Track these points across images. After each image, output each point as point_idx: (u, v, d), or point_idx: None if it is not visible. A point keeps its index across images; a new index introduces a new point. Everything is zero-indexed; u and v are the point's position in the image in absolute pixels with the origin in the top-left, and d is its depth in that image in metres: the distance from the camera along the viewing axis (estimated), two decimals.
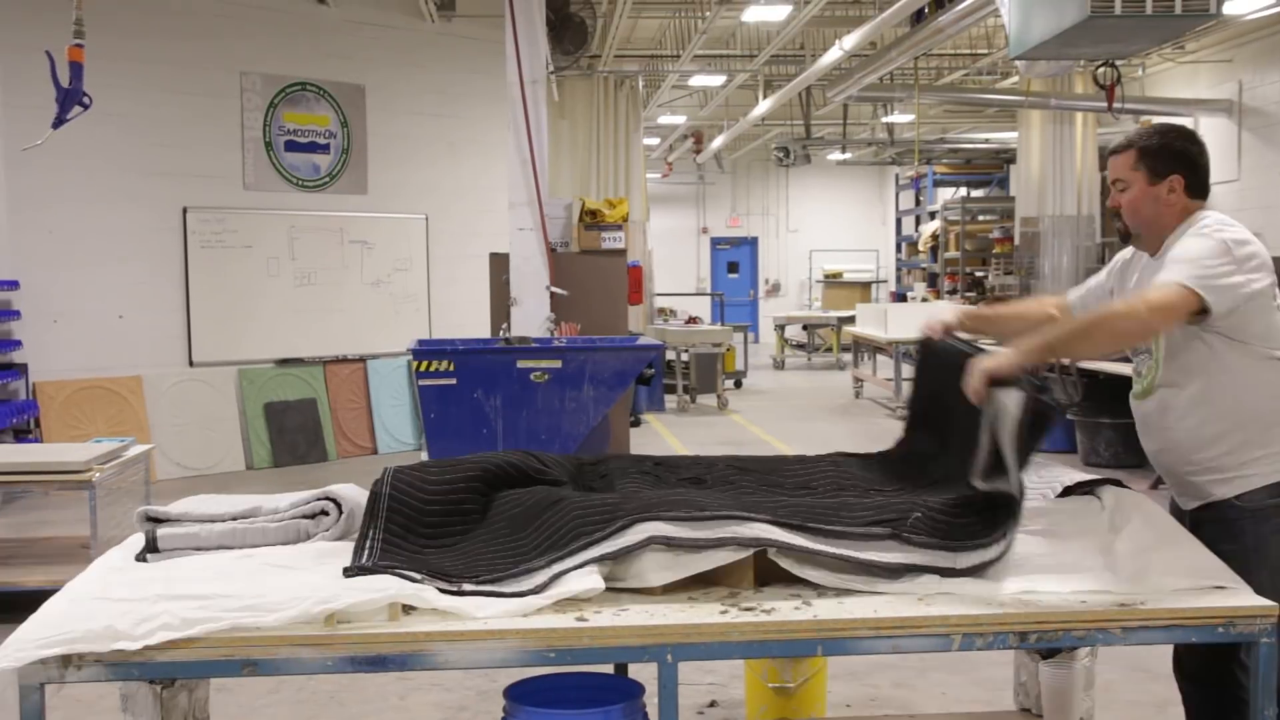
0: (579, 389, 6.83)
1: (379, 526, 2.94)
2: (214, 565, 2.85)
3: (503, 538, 2.90)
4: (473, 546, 2.90)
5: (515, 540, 2.87)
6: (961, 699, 4.70)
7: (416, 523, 2.97)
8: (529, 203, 8.45)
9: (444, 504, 3.02)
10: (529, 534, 2.87)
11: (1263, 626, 2.64)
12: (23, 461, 5.93)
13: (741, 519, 2.78)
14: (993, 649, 2.72)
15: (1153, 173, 3.08)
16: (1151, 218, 3.10)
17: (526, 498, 3.02)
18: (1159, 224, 3.10)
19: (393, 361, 11.22)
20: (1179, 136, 3.14)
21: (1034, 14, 6.60)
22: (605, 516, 2.81)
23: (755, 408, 14.35)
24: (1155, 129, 3.17)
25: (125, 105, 9.51)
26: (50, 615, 2.59)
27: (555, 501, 2.93)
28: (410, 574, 2.69)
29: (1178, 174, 3.07)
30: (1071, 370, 9.57)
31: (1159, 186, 3.08)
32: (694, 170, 25.80)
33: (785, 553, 2.75)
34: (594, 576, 2.71)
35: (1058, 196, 14.34)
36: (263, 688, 4.79)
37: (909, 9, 10.39)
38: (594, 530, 2.77)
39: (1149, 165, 3.09)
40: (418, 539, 2.93)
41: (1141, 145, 3.11)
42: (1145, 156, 3.09)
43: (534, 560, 2.76)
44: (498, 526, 2.96)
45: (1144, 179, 3.09)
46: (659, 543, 2.72)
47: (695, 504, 2.84)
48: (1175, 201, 3.08)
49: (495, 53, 9.01)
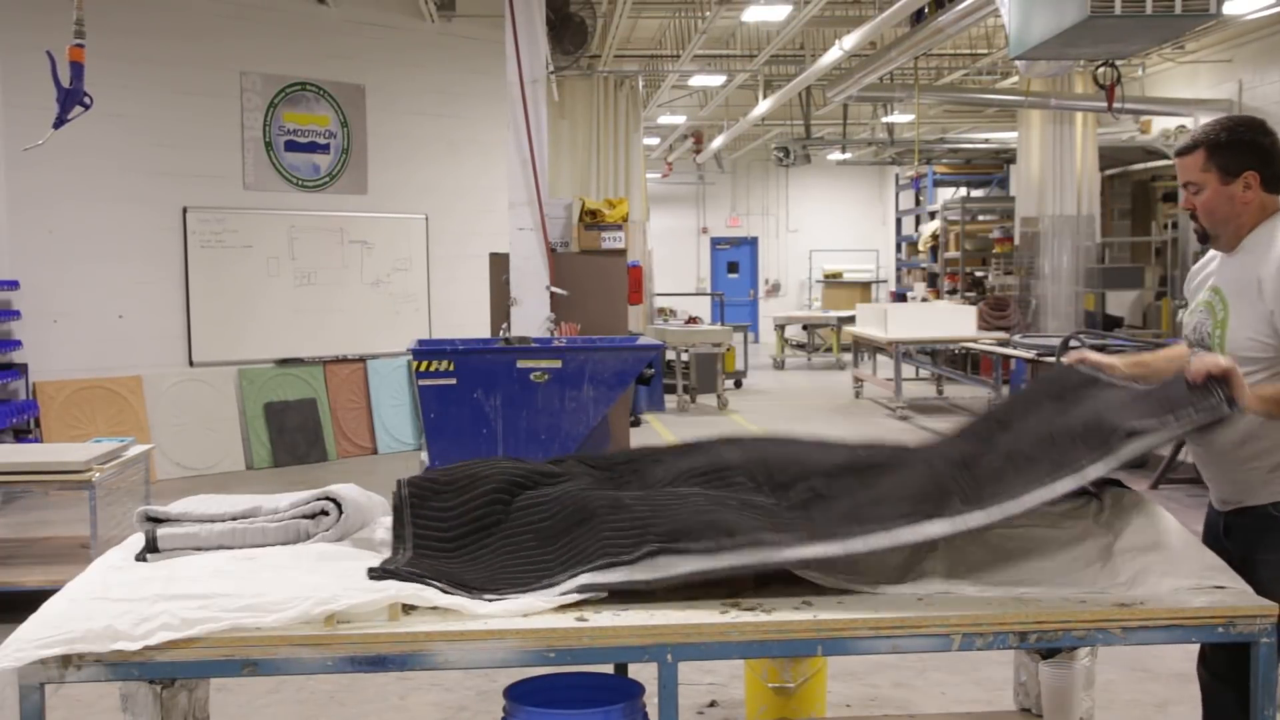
0: (579, 389, 6.83)
1: (406, 540, 2.92)
2: (214, 565, 2.85)
3: (528, 549, 2.87)
4: (496, 559, 2.87)
5: (540, 553, 2.84)
6: (961, 699, 4.70)
7: (439, 536, 2.94)
8: (529, 203, 8.45)
9: (467, 518, 2.98)
10: (555, 549, 2.84)
11: (1263, 626, 2.64)
12: (23, 461, 5.93)
13: (772, 545, 2.70)
14: (993, 649, 2.72)
15: (1225, 171, 2.95)
16: (1228, 218, 2.98)
17: (554, 507, 2.96)
18: (1236, 224, 2.98)
19: (393, 361, 11.22)
20: (1248, 128, 2.99)
21: (1034, 14, 6.60)
22: (634, 540, 2.75)
23: (755, 408, 14.35)
24: (1222, 123, 3.01)
25: (125, 105, 9.51)
26: (50, 615, 2.59)
27: (584, 520, 2.88)
28: (435, 584, 2.68)
29: (1251, 170, 2.94)
30: None
31: (1233, 185, 2.95)
32: (694, 170, 25.80)
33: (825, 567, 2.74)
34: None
35: (1058, 196, 14.34)
36: (263, 688, 4.79)
37: (909, 9, 10.39)
38: (620, 553, 2.73)
39: (1220, 164, 2.95)
40: (441, 551, 2.90)
41: (1209, 142, 2.97)
42: (1215, 155, 2.96)
43: (557, 574, 2.74)
44: (523, 538, 2.91)
45: (1216, 179, 2.96)
46: (687, 577, 2.68)
47: (724, 527, 2.74)
48: (1251, 199, 2.95)
49: (495, 53, 9.01)
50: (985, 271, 17.54)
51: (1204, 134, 3.00)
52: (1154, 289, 15.18)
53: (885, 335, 13.75)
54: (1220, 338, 2.96)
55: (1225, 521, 3.04)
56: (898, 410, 13.34)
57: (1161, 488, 8.57)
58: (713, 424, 13.02)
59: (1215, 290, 3.04)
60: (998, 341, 12.99)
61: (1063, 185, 14.33)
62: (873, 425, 12.72)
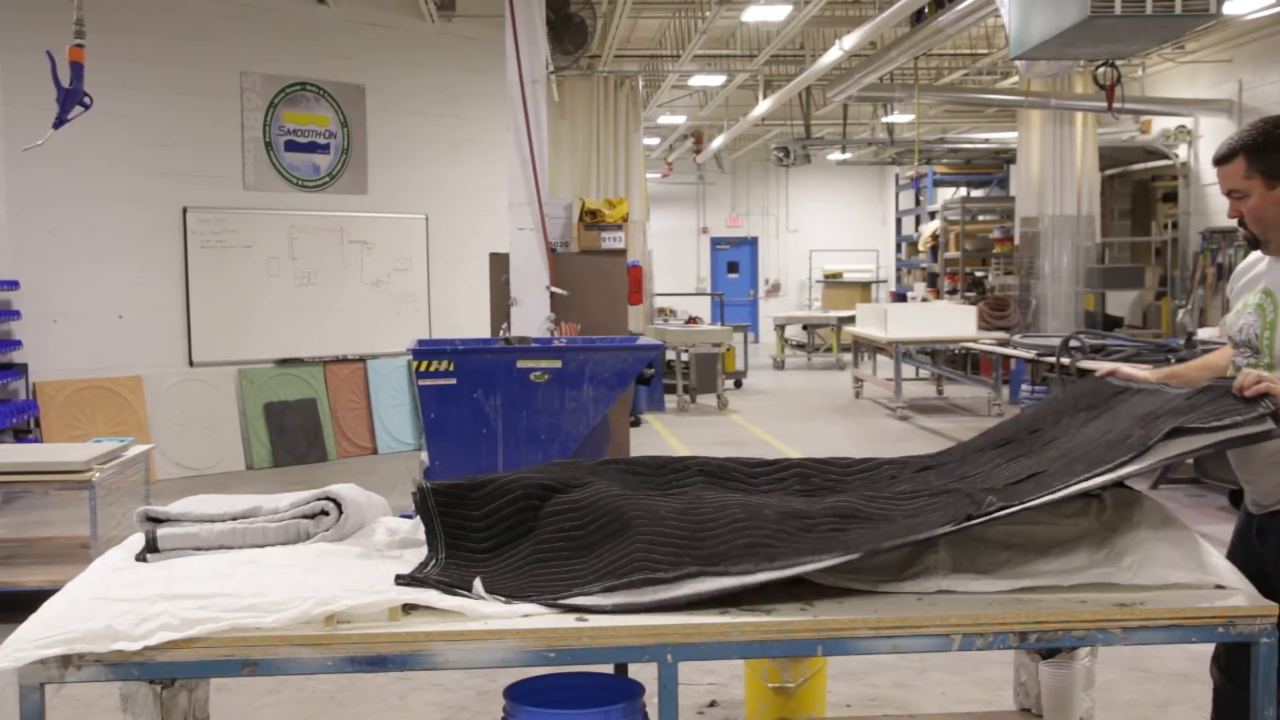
0: (579, 389, 6.83)
1: (439, 548, 2.91)
2: (214, 565, 2.85)
3: (562, 557, 2.84)
4: (529, 567, 2.84)
5: (575, 562, 2.82)
6: (961, 699, 4.70)
7: (473, 544, 2.93)
8: (529, 203, 8.45)
9: (499, 526, 2.96)
10: (589, 559, 2.81)
11: (1263, 626, 2.64)
12: (23, 461, 5.93)
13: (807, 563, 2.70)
14: (993, 649, 2.72)
15: (1269, 176, 2.91)
16: (1277, 220, 2.94)
17: (588, 515, 2.92)
18: None
19: (393, 361, 11.22)
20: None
21: (1034, 14, 6.60)
22: (672, 559, 2.73)
23: (755, 408, 14.35)
24: (1259, 126, 2.96)
25: (125, 105, 9.51)
26: (50, 615, 2.59)
27: (619, 531, 2.85)
28: (464, 592, 2.67)
29: None
30: (1071, 371, 9.61)
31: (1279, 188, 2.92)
32: (694, 170, 25.81)
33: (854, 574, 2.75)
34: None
35: (1058, 196, 14.34)
36: (263, 688, 4.79)
37: (909, 9, 10.39)
38: (658, 569, 2.70)
39: (1263, 169, 2.91)
40: (474, 560, 2.88)
41: (1248, 147, 2.92)
42: (1256, 160, 2.91)
43: (589, 584, 2.71)
44: (556, 545, 2.88)
45: (1261, 184, 2.92)
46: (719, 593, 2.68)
47: (765, 553, 2.73)
48: None
49: (495, 53, 9.01)
50: (985, 271, 17.54)
51: (1241, 140, 2.96)
52: (1154, 289, 15.19)
53: (885, 335, 13.75)
54: (1270, 340, 2.95)
55: (1259, 524, 3.01)
56: (898, 410, 13.34)
57: (1161, 488, 8.57)
58: (713, 424, 13.02)
59: (1267, 293, 3.00)
60: (998, 341, 12.99)
61: (1063, 185, 14.33)
62: (873, 425, 12.72)
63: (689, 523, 2.87)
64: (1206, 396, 2.84)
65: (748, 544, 2.76)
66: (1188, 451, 2.73)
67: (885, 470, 3.44)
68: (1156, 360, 8.95)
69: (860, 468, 3.47)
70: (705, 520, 2.88)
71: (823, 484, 3.34)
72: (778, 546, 2.75)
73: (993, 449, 3.35)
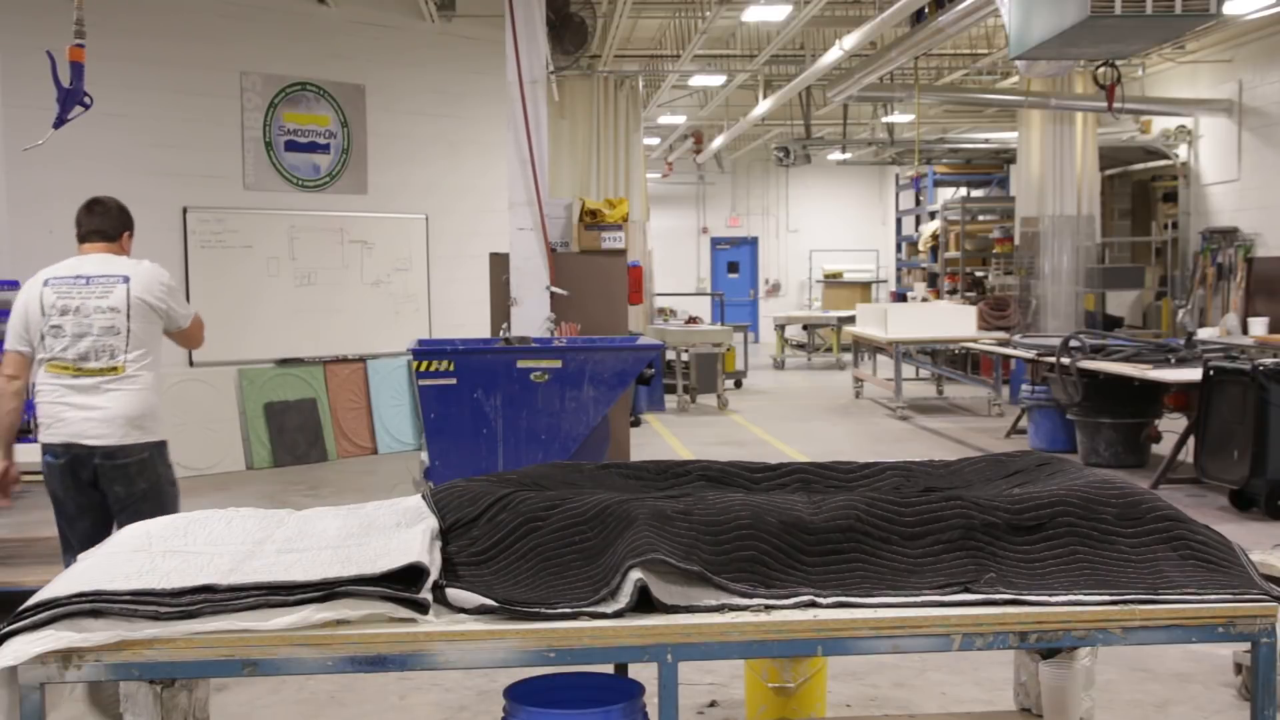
0: (579, 389, 6.83)
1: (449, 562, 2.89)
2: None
3: (575, 568, 2.83)
4: (542, 579, 2.81)
5: (590, 569, 2.81)
6: (961, 699, 4.70)
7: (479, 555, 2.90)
8: (529, 203, 8.45)
9: (505, 541, 2.94)
10: (600, 567, 2.81)
11: (1263, 626, 2.64)
12: (23, 461, 5.91)
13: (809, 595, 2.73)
14: (993, 649, 2.72)
15: None
16: None
17: (597, 528, 2.92)
18: None
19: (393, 361, 11.21)
20: None
21: (1034, 14, 6.61)
22: (683, 553, 2.79)
23: (755, 408, 14.35)
24: None
25: (125, 105, 9.50)
26: None
27: (627, 529, 2.85)
28: (486, 601, 2.65)
29: None
30: (1071, 371, 9.62)
31: None
32: (694, 170, 25.80)
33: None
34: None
35: (1058, 196, 14.34)
36: (263, 688, 4.79)
37: (909, 9, 10.39)
38: (673, 553, 2.75)
39: None
40: (482, 570, 2.86)
41: None
42: None
43: (612, 578, 2.71)
44: (568, 557, 2.87)
45: None
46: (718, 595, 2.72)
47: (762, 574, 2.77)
48: None
49: (495, 53, 9.01)
50: (985, 271, 17.54)
51: None
52: (1154, 289, 15.19)
53: (885, 335, 13.75)
54: None
55: None
56: (898, 410, 13.34)
57: (1161, 488, 8.57)
58: (713, 424, 13.02)
59: None
60: (998, 341, 12.98)
61: (1063, 185, 14.33)
62: (873, 425, 12.72)
63: (695, 524, 2.88)
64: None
65: (749, 558, 2.79)
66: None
67: (888, 478, 3.45)
68: (1156, 360, 8.97)
69: (862, 474, 3.48)
70: (711, 522, 2.89)
71: (824, 490, 3.34)
72: (774, 571, 2.78)
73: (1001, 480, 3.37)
